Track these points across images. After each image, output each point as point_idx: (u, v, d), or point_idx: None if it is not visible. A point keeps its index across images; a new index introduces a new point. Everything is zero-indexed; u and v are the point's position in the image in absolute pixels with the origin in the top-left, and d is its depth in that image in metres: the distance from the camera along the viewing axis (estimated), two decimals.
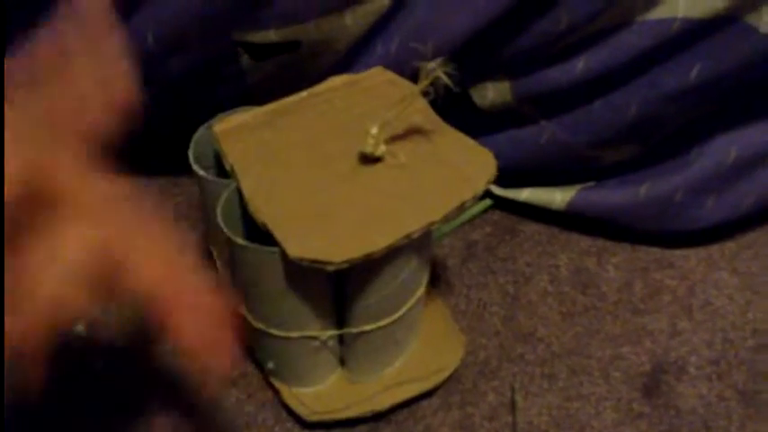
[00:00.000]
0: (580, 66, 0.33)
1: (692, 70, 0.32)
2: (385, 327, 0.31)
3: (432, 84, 0.26)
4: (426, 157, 0.29)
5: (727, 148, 0.36)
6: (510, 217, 0.42)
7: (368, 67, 0.35)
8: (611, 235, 0.41)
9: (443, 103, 0.37)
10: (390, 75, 0.33)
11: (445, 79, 0.26)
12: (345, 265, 0.26)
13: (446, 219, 0.27)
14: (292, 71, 0.35)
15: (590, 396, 0.35)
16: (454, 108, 0.37)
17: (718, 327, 0.38)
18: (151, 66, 0.33)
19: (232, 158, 0.29)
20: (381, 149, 0.28)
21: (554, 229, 0.42)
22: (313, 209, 0.27)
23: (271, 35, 0.33)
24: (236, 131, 0.30)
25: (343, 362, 0.33)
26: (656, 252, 0.41)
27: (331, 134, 0.30)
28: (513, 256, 0.40)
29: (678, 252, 0.41)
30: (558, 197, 0.40)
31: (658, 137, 0.36)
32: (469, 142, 0.31)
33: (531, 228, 0.42)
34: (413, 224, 0.27)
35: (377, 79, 0.33)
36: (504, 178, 0.40)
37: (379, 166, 0.29)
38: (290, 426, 0.34)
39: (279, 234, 0.26)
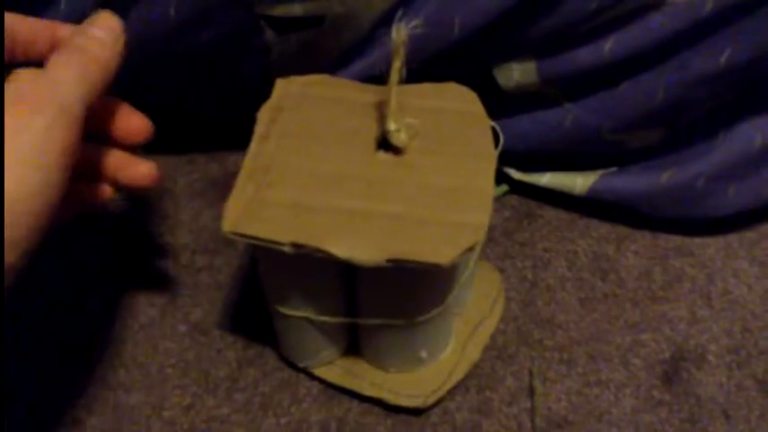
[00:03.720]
0: (608, 47, 0.33)
1: (723, 53, 0.32)
2: None
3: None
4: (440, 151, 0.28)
5: (753, 134, 0.36)
6: (529, 202, 0.42)
7: (390, 45, 0.34)
8: (631, 222, 0.40)
9: (465, 85, 0.37)
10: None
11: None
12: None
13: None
14: (315, 46, 0.34)
15: (609, 383, 0.34)
16: (477, 90, 0.37)
17: (737, 316, 0.37)
18: (174, 39, 0.32)
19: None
20: (403, 138, 0.27)
21: (573, 215, 0.41)
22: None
23: (295, 9, 0.32)
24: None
25: None
26: (675, 239, 0.40)
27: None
28: (532, 242, 0.40)
29: (698, 240, 0.40)
30: (579, 182, 0.39)
31: (684, 122, 0.36)
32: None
33: (549, 213, 0.41)
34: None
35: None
36: (525, 162, 0.40)
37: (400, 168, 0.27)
38: (306, 406, 0.33)
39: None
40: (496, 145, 0.28)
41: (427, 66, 0.34)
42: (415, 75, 0.32)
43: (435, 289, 0.29)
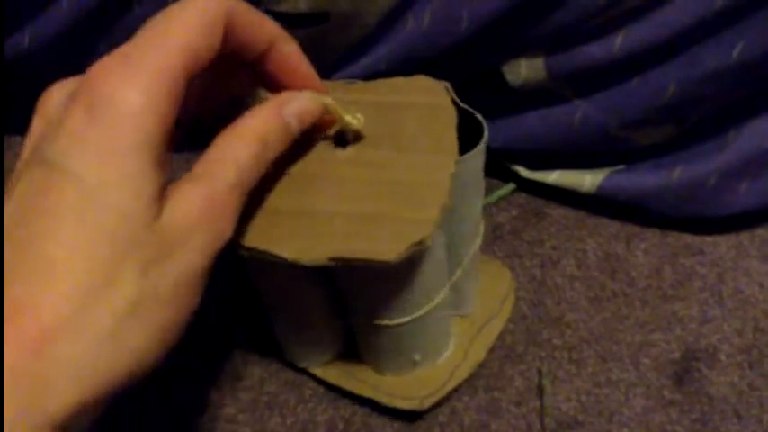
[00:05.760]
0: (618, 42, 0.32)
1: (735, 48, 0.31)
2: None
3: None
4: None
5: (765, 131, 0.35)
6: (536, 200, 0.41)
7: (397, 42, 0.33)
8: (641, 220, 0.40)
9: (473, 82, 0.37)
10: None
11: None
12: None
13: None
14: (321, 43, 0.34)
15: (619, 382, 0.34)
16: (484, 87, 0.37)
17: (748, 315, 0.37)
18: None
19: None
20: (359, 121, 0.27)
21: (581, 213, 0.41)
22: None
23: (300, 5, 0.32)
24: None
25: None
26: (686, 238, 0.40)
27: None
28: (540, 240, 0.40)
29: (708, 238, 0.40)
30: (587, 180, 0.39)
31: (695, 118, 0.35)
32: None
33: (557, 211, 0.41)
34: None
35: None
36: (533, 160, 0.39)
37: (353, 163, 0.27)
38: (313, 406, 0.33)
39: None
40: (481, 137, 0.27)
41: (433, 62, 0.33)
42: (420, 71, 0.31)
43: (406, 289, 0.28)
